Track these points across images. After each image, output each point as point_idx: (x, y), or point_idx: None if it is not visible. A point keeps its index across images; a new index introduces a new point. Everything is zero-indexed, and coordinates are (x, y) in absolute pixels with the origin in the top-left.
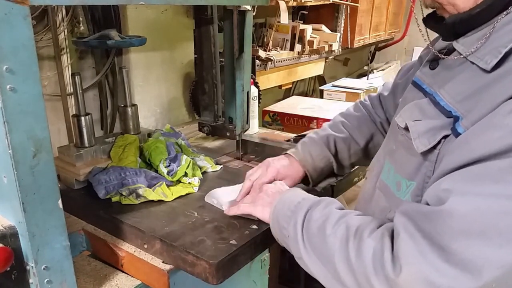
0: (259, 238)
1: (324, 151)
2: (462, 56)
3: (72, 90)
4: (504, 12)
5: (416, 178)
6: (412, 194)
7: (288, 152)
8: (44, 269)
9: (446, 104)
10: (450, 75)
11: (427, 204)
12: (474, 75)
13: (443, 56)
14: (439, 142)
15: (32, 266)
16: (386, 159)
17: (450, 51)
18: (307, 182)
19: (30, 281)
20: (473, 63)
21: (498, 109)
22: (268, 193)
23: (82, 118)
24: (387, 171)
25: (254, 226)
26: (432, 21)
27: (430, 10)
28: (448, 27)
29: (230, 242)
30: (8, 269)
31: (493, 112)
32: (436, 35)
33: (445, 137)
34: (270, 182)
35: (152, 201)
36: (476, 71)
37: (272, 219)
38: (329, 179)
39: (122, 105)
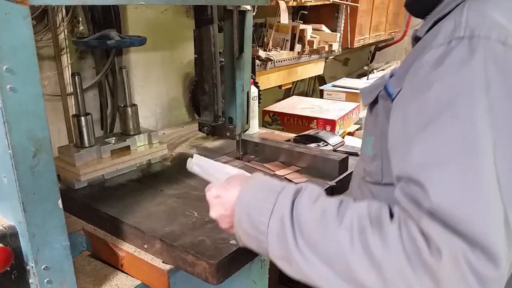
0: None
1: None
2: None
3: (72, 90)
4: None
5: (374, 132)
6: (373, 147)
7: None
8: (44, 269)
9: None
10: None
11: (400, 178)
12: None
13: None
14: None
15: (32, 266)
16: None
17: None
18: None
19: (30, 281)
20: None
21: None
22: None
23: (82, 118)
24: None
25: None
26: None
27: None
28: (411, 3)
29: (230, 242)
30: (8, 269)
31: (416, 65)
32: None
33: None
34: None
35: (152, 201)
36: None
37: (239, 215)
38: None
39: (122, 105)
